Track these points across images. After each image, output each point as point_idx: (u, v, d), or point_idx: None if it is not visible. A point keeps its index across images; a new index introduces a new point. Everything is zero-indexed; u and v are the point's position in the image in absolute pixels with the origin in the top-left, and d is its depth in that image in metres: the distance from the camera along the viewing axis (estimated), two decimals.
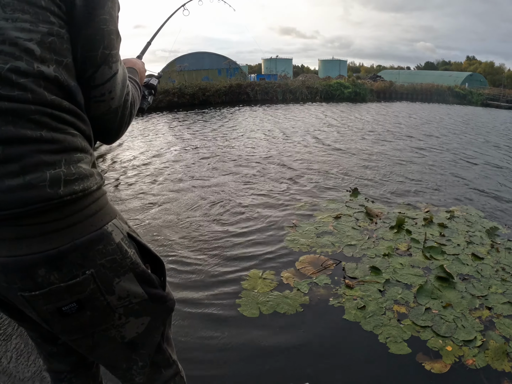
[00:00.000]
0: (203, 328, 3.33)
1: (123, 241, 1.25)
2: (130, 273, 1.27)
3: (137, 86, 1.53)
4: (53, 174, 1.05)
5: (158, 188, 7.00)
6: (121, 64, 1.26)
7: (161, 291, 1.43)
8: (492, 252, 4.80)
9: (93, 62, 1.16)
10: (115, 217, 1.27)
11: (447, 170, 8.97)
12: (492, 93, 43.30)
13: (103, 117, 1.26)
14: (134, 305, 1.31)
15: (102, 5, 1.14)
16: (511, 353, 3.10)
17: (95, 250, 1.15)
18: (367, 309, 3.59)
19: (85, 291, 1.15)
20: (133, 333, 1.37)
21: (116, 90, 1.23)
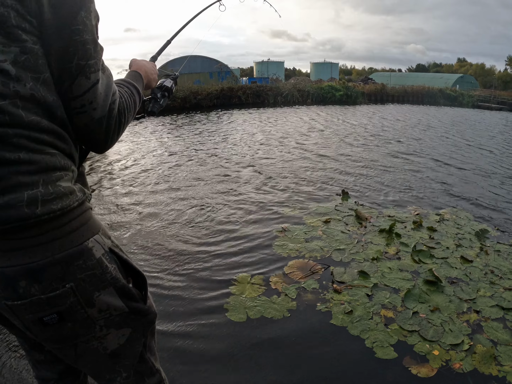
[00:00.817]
0: (189, 332, 3.31)
1: (104, 256, 1.27)
2: (110, 287, 1.29)
3: (134, 92, 1.49)
4: (30, 195, 1.07)
5: (140, 193, 6.97)
6: (104, 73, 1.24)
7: (142, 304, 1.45)
8: (481, 254, 4.80)
9: (68, 74, 1.14)
10: (98, 232, 1.29)
11: (436, 173, 8.98)
12: (483, 94, 43.68)
13: (87, 128, 1.23)
14: (114, 317, 1.34)
15: (74, 16, 1.12)
16: (499, 357, 3.08)
17: (75, 265, 1.19)
18: (355, 314, 3.57)
19: (65, 304, 1.19)
20: (114, 344, 1.39)
21: (98, 100, 1.20)
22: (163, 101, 1.98)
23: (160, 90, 1.98)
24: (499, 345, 3.22)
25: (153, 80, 1.77)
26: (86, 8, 1.15)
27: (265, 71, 49.47)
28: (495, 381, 2.84)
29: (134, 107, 1.46)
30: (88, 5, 1.16)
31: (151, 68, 1.74)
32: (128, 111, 1.37)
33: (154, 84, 1.82)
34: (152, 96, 1.97)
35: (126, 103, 1.36)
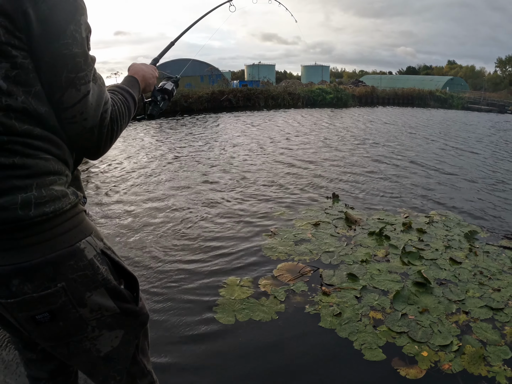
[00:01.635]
0: (178, 334, 3.30)
1: (96, 258, 1.31)
2: (101, 288, 1.32)
3: (129, 98, 1.50)
4: (24, 198, 1.13)
5: (130, 194, 6.93)
6: (96, 83, 1.26)
7: (134, 306, 1.47)
8: (470, 256, 4.80)
9: (58, 86, 1.17)
10: (90, 234, 1.33)
11: (426, 176, 9.01)
12: (473, 96, 44.15)
13: (79, 137, 1.27)
14: (106, 317, 1.36)
15: (63, 30, 1.14)
16: (488, 357, 3.08)
17: (67, 265, 1.22)
18: (343, 316, 3.55)
19: (56, 303, 1.23)
20: (108, 347, 1.41)
21: (88, 111, 1.22)
22: (163, 104, 1.98)
23: (160, 93, 1.97)
24: (488, 345, 3.21)
25: (151, 84, 1.79)
26: (76, 22, 1.17)
27: (256, 74, 49.54)
28: (485, 381, 2.83)
29: (128, 113, 1.48)
30: (77, 18, 1.18)
31: (149, 72, 1.75)
32: (121, 118, 1.39)
33: (153, 87, 1.83)
34: (152, 99, 1.97)
35: (119, 110, 1.38)
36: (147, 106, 1.97)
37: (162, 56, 2.17)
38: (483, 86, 58.47)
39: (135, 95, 1.57)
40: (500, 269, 4.48)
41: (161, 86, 2.00)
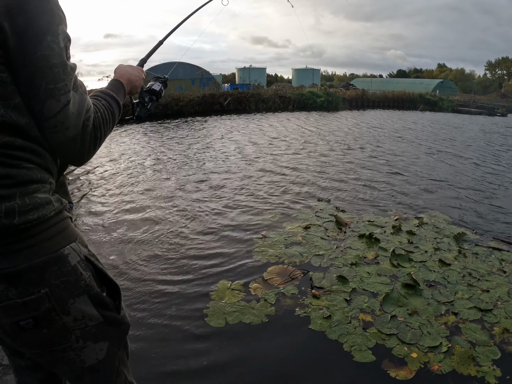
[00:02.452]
0: (168, 337, 3.30)
1: (79, 264, 1.32)
2: (84, 295, 1.32)
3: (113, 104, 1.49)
4: (8, 206, 1.15)
5: (116, 198, 6.90)
6: (77, 91, 1.25)
7: (116, 314, 1.46)
8: (459, 257, 4.83)
9: (37, 98, 1.16)
10: (74, 240, 1.33)
11: (416, 179, 9.07)
12: (463, 99, 44.58)
13: (62, 146, 1.26)
14: (90, 328, 1.36)
15: (39, 42, 1.13)
16: (477, 358, 3.10)
17: (50, 271, 1.23)
18: (333, 319, 3.56)
19: (40, 309, 1.23)
20: (93, 359, 1.41)
21: (70, 120, 1.21)
22: (151, 105, 1.96)
23: (148, 94, 1.95)
24: (477, 346, 3.24)
25: (138, 86, 1.76)
26: (53, 32, 1.16)
27: (247, 77, 49.50)
28: (474, 381, 2.86)
29: (113, 119, 1.46)
30: (54, 29, 1.17)
31: (135, 74, 1.73)
32: (104, 124, 1.38)
33: (139, 89, 1.81)
34: (140, 100, 1.95)
35: (102, 117, 1.37)
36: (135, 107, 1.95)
37: (149, 56, 2.15)
38: (472, 89, 59.06)
39: (120, 100, 1.56)
40: (489, 271, 4.51)
41: (148, 86, 1.98)
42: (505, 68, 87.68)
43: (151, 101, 1.95)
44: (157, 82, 2.01)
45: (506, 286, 4.19)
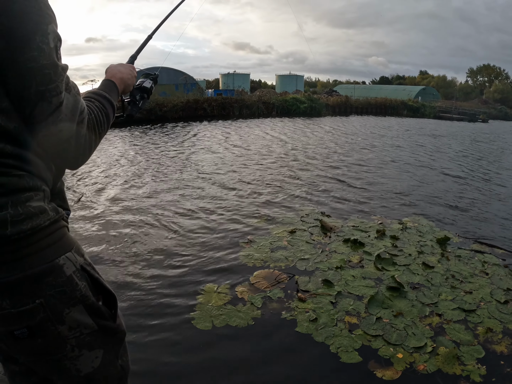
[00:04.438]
0: (155, 339, 3.30)
1: (75, 274, 1.29)
2: (80, 304, 1.30)
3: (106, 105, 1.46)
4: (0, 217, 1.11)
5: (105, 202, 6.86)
6: (70, 92, 1.22)
7: (112, 323, 1.45)
8: (442, 260, 4.90)
9: (28, 101, 1.13)
10: (70, 250, 1.30)
11: (399, 184, 9.19)
12: (444, 105, 45.27)
13: (56, 149, 1.24)
14: (85, 336, 1.34)
15: (27, 43, 1.09)
16: (462, 357, 3.15)
17: (45, 281, 1.21)
18: (319, 321, 3.58)
19: (35, 319, 1.21)
20: (88, 368, 1.39)
21: (63, 122, 1.18)
22: (142, 103, 1.92)
23: (139, 92, 1.90)
24: (461, 345, 3.29)
25: (130, 84, 1.74)
26: (42, 32, 1.12)
27: (231, 83, 49.63)
28: (460, 380, 2.91)
29: (107, 120, 1.44)
30: (43, 28, 1.12)
31: (127, 72, 1.70)
32: (99, 126, 1.36)
33: (132, 88, 1.78)
34: (130, 98, 1.90)
35: (96, 119, 1.35)
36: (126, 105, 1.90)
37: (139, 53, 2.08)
38: (454, 96, 59.89)
39: (113, 100, 1.52)
40: (471, 273, 4.58)
41: (139, 84, 1.93)
42: (486, 75, 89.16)
43: (142, 99, 1.92)
44: (147, 79, 1.98)
45: (488, 287, 4.26)
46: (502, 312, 3.81)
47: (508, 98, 72.91)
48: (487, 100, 63.05)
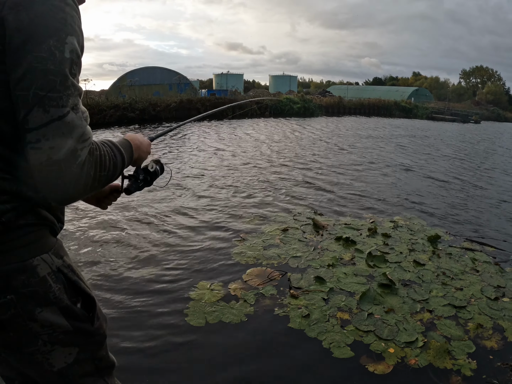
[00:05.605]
0: (148, 336, 3.30)
1: (50, 275, 1.28)
2: (53, 306, 1.30)
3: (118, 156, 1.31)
4: None
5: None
6: (76, 114, 1.11)
7: (88, 325, 1.43)
8: (433, 258, 4.95)
9: (24, 102, 1.06)
10: (47, 251, 1.30)
11: (390, 182, 9.27)
12: (437, 106, 45.60)
13: (43, 168, 1.08)
14: (58, 334, 1.33)
15: (39, 42, 1.05)
16: (453, 351, 3.19)
17: (18, 279, 1.21)
18: (312, 317, 3.61)
19: (6, 313, 1.22)
20: (61, 363, 1.38)
21: (57, 139, 1.06)
22: (143, 185, 1.74)
23: (144, 173, 1.72)
24: (452, 340, 3.33)
25: (143, 158, 1.61)
26: (58, 38, 1.08)
27: (224, 83, 49.50)
28: (450, 374, 2.95)
29: (114, 169, 1.28)
30: (62, 36, 1.09)
31: (145, 145, 1.59)
32: (102, 168, 1.20)
33: (142, 163, 1.66)
34: (134, 174, 1.71)
35: (101, 158, 1.20)
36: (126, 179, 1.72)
37: (159, 136, 1.97)
38: (447, 97, 60.18)
39: (126, 157, 1.38)
40: (462, 270, 4.63)
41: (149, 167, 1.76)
42: (479, 77, 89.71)
43: (145, 181, 1.74)
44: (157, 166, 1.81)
45: (479, 284, 4.31)
46: (492, 308, 3.86)
47: (501, 99, 73.56)
48: (480, 102, 63.44)
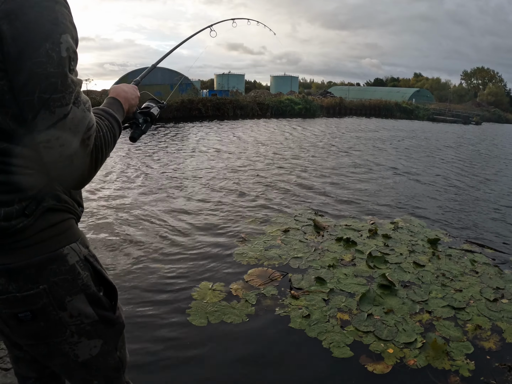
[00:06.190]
0: (151, 335, 3.34)
1: (78, 263, 1.35)
2: (81, 293, 1.36)
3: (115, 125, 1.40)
4: (6, 211, 1.17)
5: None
6: (79, 107, 1.16)
7: (111, 313, 1.50)
8: (433, 259, 4.98)
9: (30, 107, 1.09)
10: (75, 241, 1.37)
11: (391, 184, 9.31)
12: (438, 108, 45.53)
13: (57, 165, 1.17)
14: (85, 325, 1.39)
15: (36, 48, 1.07)
16: (451, 352, 3.23)
17: (49, 269, 1.27)
18: (312, 317, 3.65)
19: (38, 303, 1.27)
20: (86, 355, 1.44)
21: (65, 136, 1.12)
22: (145, 126, 1.82)
23: (142, 115, 1.81)
24: (451, 341, 3.37)
25: (134, 105, 1.69)
26: (53, 40, 1.10)
27: (226, 83, 49.42)
28: (449, 374, 2.98)
29: (114, 141, 1.39)
30: (56, 37, 1.11)
31: (131, 92, 1.65)
32: (106, 146, 1.30)
33: (135, 108, 1.73)
34: (133, 121, 1.79)
35: (104, 138, 1.29)
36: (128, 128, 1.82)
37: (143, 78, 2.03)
38: (448, 98, 60.14)
39: (120, 119, 1.47)
40: (461, 271, 4.67)
41: (146, 108, 1.86)
42: (480, 78, 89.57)
43: (146, 123, 1.82)
44: (155, 106, 1.90)
45: (478, 285, 4.35)
46: (491, 310, 3.90)
47: (502, 101, 73.48)
48: (481, 103, 63.34)
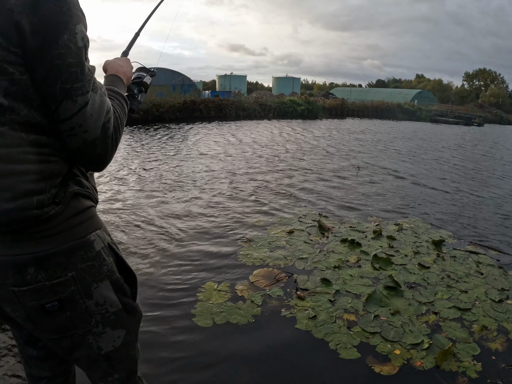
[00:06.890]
0: (156, 336, 3.33)
1: (103, 250, 1.40)
2: (106, 280, 1.40)
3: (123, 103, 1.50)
4: (39, 199, 1.19)
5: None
6: (97, 93, 1.24)
7: (132, 301, 1.56)
8: (438, 261, 4.98)
9: (53, 97, 1.16)
10: (100, 228, 1.42)
11: (395, 186, 9.31)
12: (440, 109, 45.62)
13: (81, 150, 1.26)
14: (110, 314, 1.43)
15: (55, 40, 1.12)
16: (458, 354, 3.22)
17: (77, 255, 1.31)
18: (318, 318, 3.65)
19: (66, 291, 1.30)
20: (109, 346, 1.48)
21: (88, 123, 1.21)
22: (141, 96, 1.86)
23: (136, 86, 1.85)
24: (457, 343, 3.36)
25: (130, 78, 1.74)
26: (70, 31, 1.15)
27: (228, 84, 49.55)
28: (456, 376, 2.98)
29: (125, 118, 1.49)
30: (71, 28, 1.15)
31: (127, 65, 1.72)
32: (121, 126, 1.40)
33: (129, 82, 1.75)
34: (129, 93, 1.80)
35: (119, 118, 1.38)
36: None
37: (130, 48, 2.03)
38: (450, 99, 60.18)
39: (124, 94, 1.56)
40: (466, 273, 4.67)
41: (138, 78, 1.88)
42: (482, 79, 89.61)
43: (140, 92, 1.86)
44: (147, 75, 1.93)
45: (483, 287, 4.35)
46: (496, 310, 3.90)
47: (504, 102, 73.54)
48: (483, 104, 63.36)
